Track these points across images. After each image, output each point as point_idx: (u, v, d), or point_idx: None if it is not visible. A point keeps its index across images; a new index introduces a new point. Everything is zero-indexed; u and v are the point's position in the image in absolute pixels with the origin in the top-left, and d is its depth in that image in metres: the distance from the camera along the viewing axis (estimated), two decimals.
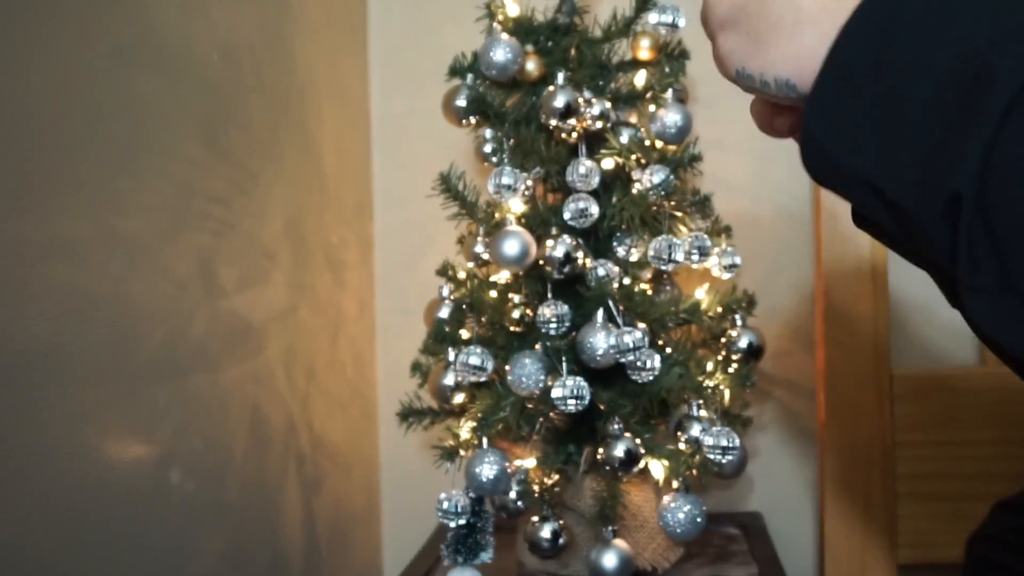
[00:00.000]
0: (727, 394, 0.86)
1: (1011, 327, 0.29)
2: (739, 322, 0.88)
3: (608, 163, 0.83)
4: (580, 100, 0.80)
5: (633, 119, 0.86)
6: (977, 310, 0.30)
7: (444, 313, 0.89)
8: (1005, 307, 0.29)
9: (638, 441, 0.79)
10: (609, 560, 0.79)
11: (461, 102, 0.86)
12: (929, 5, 0.31)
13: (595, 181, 0.81)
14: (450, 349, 0.86)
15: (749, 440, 1.09)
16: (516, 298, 0.84)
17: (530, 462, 0.82)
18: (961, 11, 0.30)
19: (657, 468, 0.81)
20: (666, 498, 0.80)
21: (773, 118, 0.42)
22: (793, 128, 0.43)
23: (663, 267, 0.81)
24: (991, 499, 0.76)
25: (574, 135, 0.82)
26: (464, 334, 0.87)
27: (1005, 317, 0.29)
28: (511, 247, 0.78)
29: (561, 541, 0.81)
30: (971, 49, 0.29)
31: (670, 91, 0.82)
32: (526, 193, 0.82)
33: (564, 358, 0.78)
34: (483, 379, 0.81)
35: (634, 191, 0.81)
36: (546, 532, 0.81)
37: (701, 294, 0.88)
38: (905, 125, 0.30)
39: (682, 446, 0.81)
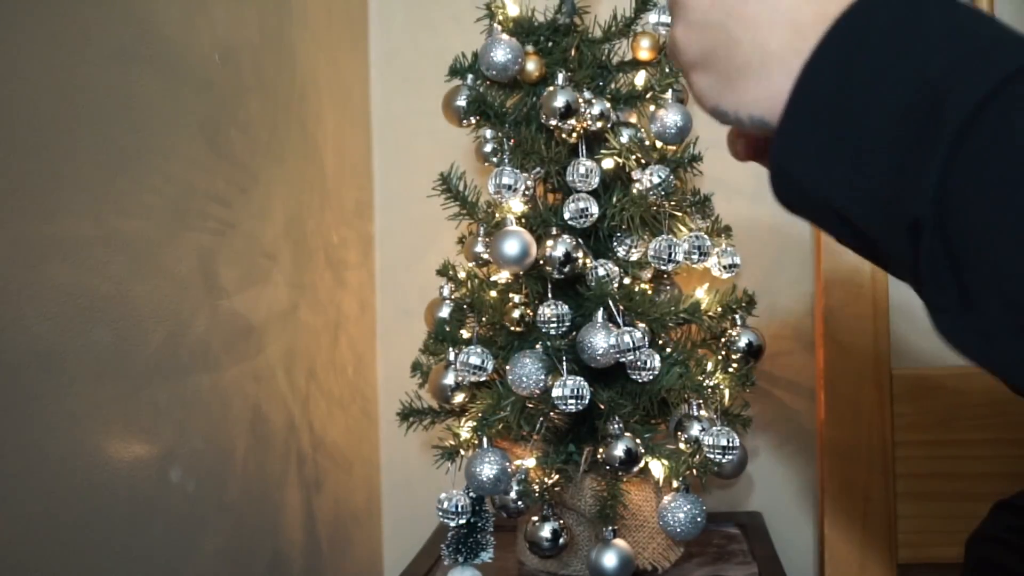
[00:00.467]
0: (727, 394, 0.86)
1: (974, 343, 0.31)
2: (739, 322, 0.88)
3: (608, 163, 0.84)
4: (580, 100, 0.80)
5: (633, 119, 0.86)
6: (943, 328, 0.32)
7: (444, 313, 0.90)
8: (966, 324, 0.30)
9: (638, 441, 0.79)
10: (609, 560, 0.79)
11: (461, 102, 0.86)
12: (885, 40, 0.32)
13: (595, 181, 0.81)
14: (450, 349, 0.86)
15: (749, 440, 1.09)
16: (516, 298, 0.84)
17: (530, 462, 0.82)
18: (915, 44, 0.31)
19: (657, 468, 0.81)
20: (666, 498, 0.80)
21: (734, 140, 0.45)
22: (748, 152, 0.45)
23: (663, 267, 0.81)
24: (990, 499, 0.76)
25: (574, 135, 0.82)
26: (464, 334, 0.88)
27: (968, 334, 0.31)
28: (511, 247, 0.78)
29: (561, 541, 0.82)
30: (923, 80, 0.30)
31: (670, 91, 0.82)
32: (526, 193, 0.82)
33: (564, 358, 0.78)
34: (483, 379, 0.81)
35: (634, 191, 0.81)
36: (546, 532, 0.81)
37: (701, 294, 0.88)
38: (867, 155, 0.31)
39: (682, 446, 0.82)
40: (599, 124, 0.82)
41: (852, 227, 0.33)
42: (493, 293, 0.86)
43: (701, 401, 0.83)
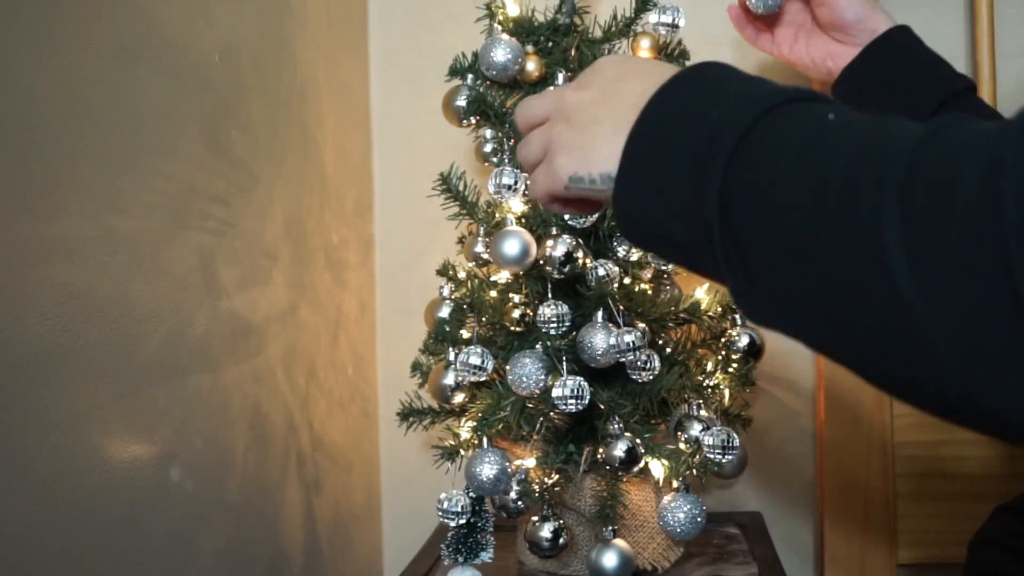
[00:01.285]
0: (727, 394, 0.86)
1: (761, 315, 0.39)
2: (739, 322, 0.88)
3: None
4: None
5: None
6: (741, 307, 0.40)
7: (444, 313, 0.90)
8: (755, 301, 0.39)
9: (638, 441, 0.79)
10: (609, 560, 0.79)
11: (461, 102, 0.86)
12: (685, 102, 0.43)
13: None
14: (450, 349, 0.86)
15: (749, 440, 1.09)
16: (516, 298, 0.84)
17: (530, 462, 0.82)
18: (704, 102, 0.42)
19: (657, 468, 0.81)
20: (666, 498, 0.80)
21: (551, 203, 0.54)
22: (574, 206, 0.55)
23: (663, 267, 0.81)
24: (990, 499, 0.76)
25: None
26: (464, 334, 0.88)
27: (756, 309, 0.39)
28: (511, 247, 0.78)
29: (561, 541, 0.82)
30: (708, 124, 0.40)
31: None
32: (526, 193, 0.82)
33: (564, 358, 0.78)
34: (483, 379, 0.81)
35: None
36: (546, 532, 0.81)
37: (701, 294, 0.88)
38: (675, 187, 0.41)
39: (682, 446, 0.82)
40: None
41: (674, 245, 0.42)
42: (493, 293, 0.86)
43: (701, 401, 0.83)
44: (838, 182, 0.34)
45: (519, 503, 0.81)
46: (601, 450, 0.80)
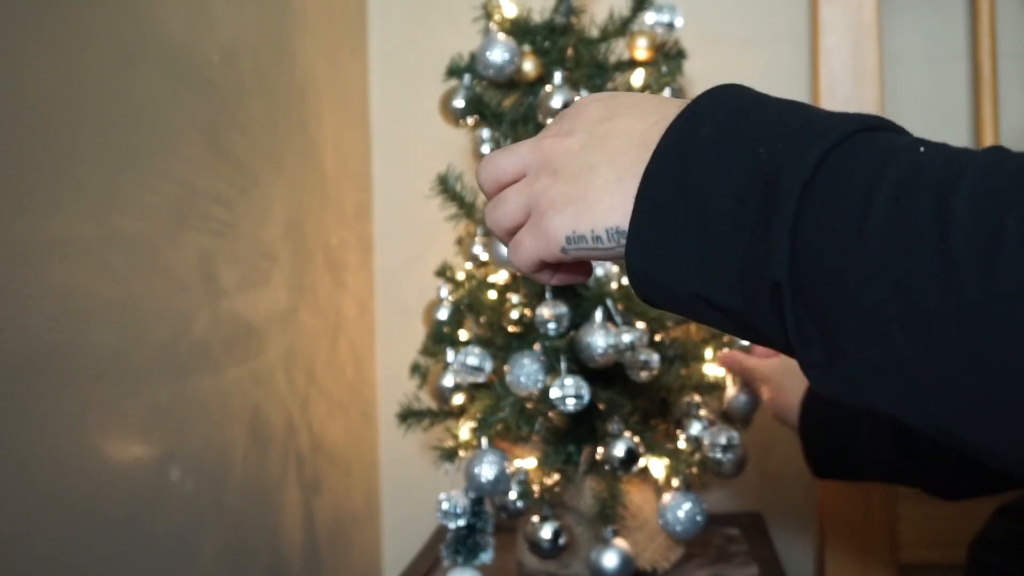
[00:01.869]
0: (726, 392, 0.86)
1: (848, 388, 0.32)
2: None
3: None
4: (576, 99, 0.80)
5: None
6: (818, 382, 0.34)
7: (443, 314, 0.90)
8: (837, 372, 0.32)
9: (638, 440, 0.79)
10: (609, 560, 0.79)
11: (459, 102, 0.86)
12: (716, 134, 0.35)
13: None
14: (449, 350, 0.86)
15: (749, 440, 1.08)
16: (515, 298, 0.84)
17: (530, 462, 0.82)
18: (742, 133, 0.35)
19: (657, 467, 0.81)
20: (666, 497, 0.80)
21: (540, 271, 0.45)
22: (560, 276, 0.47)
23: None
24: (991, 500, 0.75)
25: None
26: (463, 335, 0.88)
27: (840, 381, 0.32)
28: None
29: (561, 541, 0.81)
30: (755, 162, 0.34)
31: (667, 91, 0.82)
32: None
33: (563, 358, 0.78)
34: (482, 380, 0.81)
35: None
36: (546, 532, 0.81)
37: None
38: (716, 238, 0.34)
39: (682, 445, 0.81)
40: None
41: (714, 307, 0.36)
42: (491, 294, 0.86)
43: (701, 400, 0.83)
44: (967, 229, 0.28)
45: (519, 504, 0.81)
46: (601, 450, 0.80)
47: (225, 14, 0.81)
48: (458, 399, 0.86)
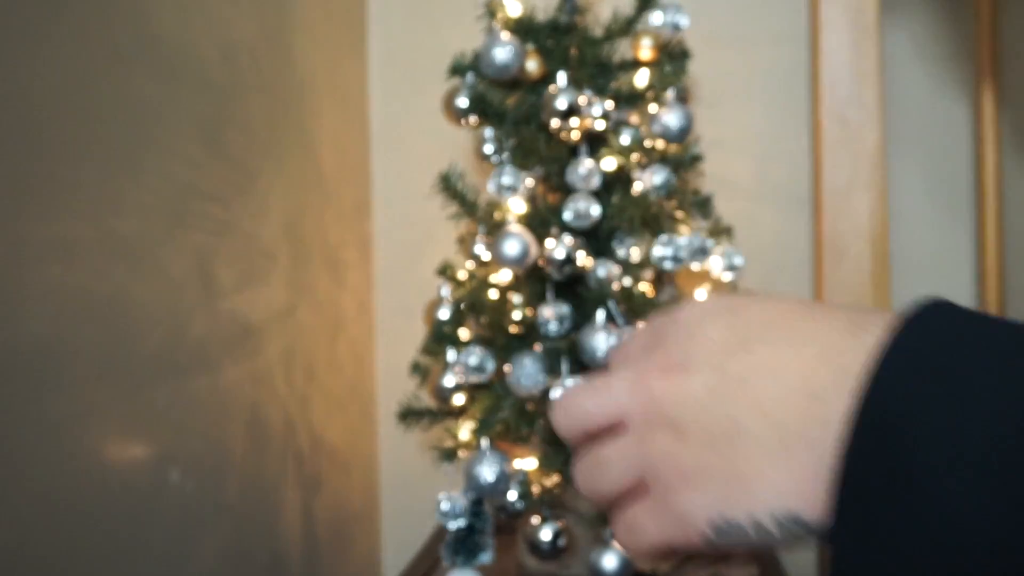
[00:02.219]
0: None
1: None
2: None
3: (609, 163, 0.83)
4: (581, 100, 0.80)
5: (634, 119, 0.86)
6: None
7: (444, 313, 0.89)
8: None
9: None
10: (609, 561, 0.79)
11: (461, 101, 0.85)
12: (955, 381, 0.26)
13: (596, 181, 0.80)
14: (450, 349, 0.85)
15: None
16: (516, 298, 0.84)
17: (530, 463, 0.82)
18: (998, 377, 0.26)
19: None
20: None
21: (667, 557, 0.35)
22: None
23: (664, 268, 0.81)
24: None
25: (575, 135, 0.82)
26: (464, 334, 0.87)
27: None
28: (511, 247, 0.78)
29: (561, 542, 0.81)
30: (1011, 430, 0.25)
31: (671, 91, 0.82)
32: (526, 193, 0.82)
33: (564, 359, 0.77)
34: (483, 380, 0.81)
35: (635, 191, 0.81)
36: (546, 533, 0.81)
37: (701, 294, 0.88)
38: (959, 527, 0.25)
39: None
40: (600, 124, 0.81)
41: None
42: (493, 294, 0.86)
43: None
44: None
45: (518, 504, 0.81)
46: None
47: (225, 13, 0.80)
48: (458, 399, 0.86)
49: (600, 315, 0.77)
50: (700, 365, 0.31)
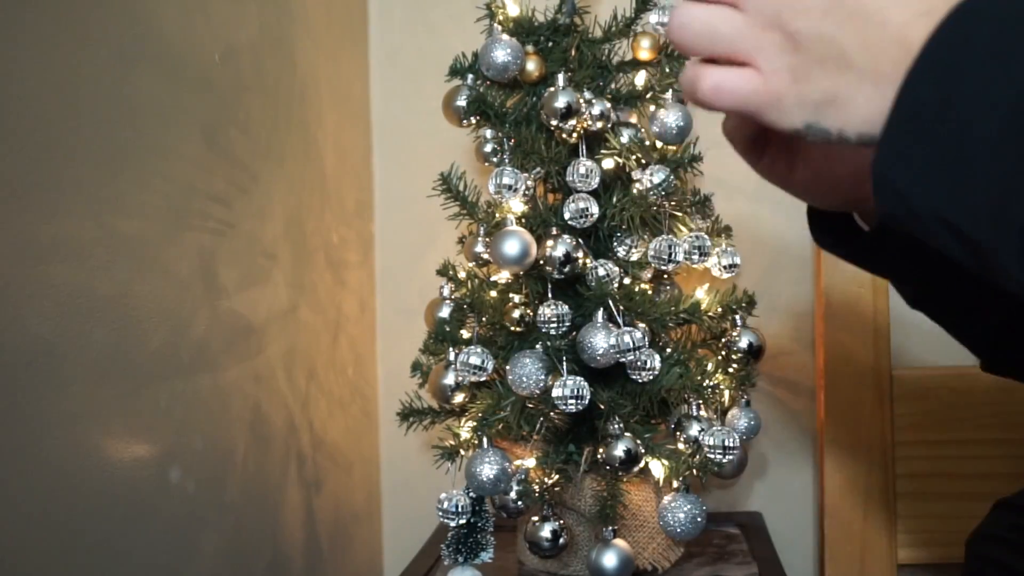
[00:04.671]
0: (727, 394, 0.86)
1: None
2: (739, 322, 0.88)
3: (608, 163, 0.84)
4: (580, 100, 0.80)
5: (633, 119, 0.86)
6: None
7: (444, 313, 0.90)
8: None
9: (638, 441, 0.79)
10: (609, 560, 0.79)
11: (461, 102, 0.86)
12: (992, 45, 0.31)
13: (595, 181, 0.81)
14: (450, 349, 0.86)
15: (749, 440, 1.09)
16: (516, 298, 0.84)
17: (530, 462, 0.82)
18: (1017, 52, 0.31)
19: (657, 468, 0.81)
20: (666, 498, 0.80)
21: (734, 128, 0.44)
22: (746, 144, 0.46)
23: (663, 267, 0.81)
24: (990, 499, 0.75)
25: (574, 135, 0.82)
26: (464, 334, 0.88)
27: None
28: (511, 247, 0.78)
29: (561, 541, 0.82)
30: None
31: (670, 91, 0.82)
32: (526, 193, 0.82)
33: (564, 358, 0.78)
34: (483, 379, 0.81)
35: (634, 191, 0.82)
36: (546, 532, 0.81)
37: (701, 294, 0.88)
38: (975, 164, 0.31)
39: (682, 446, 0.82)
40: (599, 124, 0.82)
41: (961, 237, 0.33)
42: (493, 293, 0.86)
43: (701, 401, 0.83)
44: None
45: (519, 503, 0.81)
46: (601, 450, 0.80)
47: (225, 13, 0.81)
48: (459, 398, 0.86)
49: (600, 314, 0.77)
50: None
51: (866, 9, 0.34)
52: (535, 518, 0.82)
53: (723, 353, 0.88)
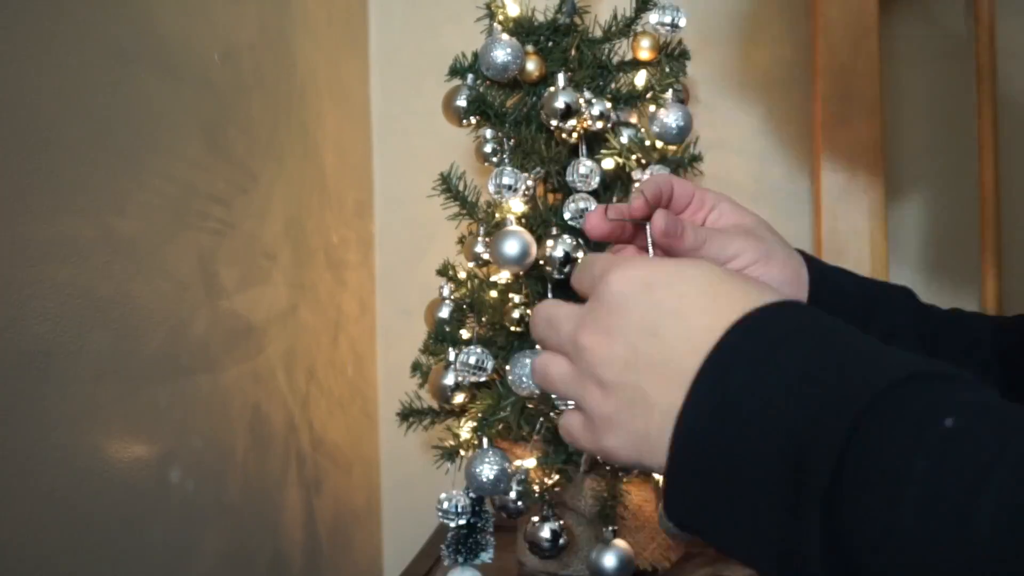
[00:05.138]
0: None
1: None
2: None
3: (608, 163, 0.83)
4: (580, 100, 0.80)
5: (633, 119, 0.86)
6: None
7: (444, 313, 0.89)
8: None
9: None
10: (609, 560, 0.79)
11: (461, 102, 0.86)
12: (745, 385, 0.34)
13: (595, 181, 0.81)
14: (450, 349, 0.86)
15: None
16: (516, 298, 0.84)
17: (530, 462, 0.82)
18: (772, 394, 0.33)
19: None
20: None
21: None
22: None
23: None
24: None
25: (574, 135, 0.82)
26: (464, 334, 0.87)
27: None
28: (511, 247, 0.78)
29: (561, 541, 0.81)
30: (785, 432, 0.32)
31: (670, 91, 0.82)
32: (526, 193, 0.82)
33: None
34: (483, 379, 0.81)
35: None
36: (546, 532, 0.81)
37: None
38: (752, 508, 0.33)
39: None
40: (599, 124, 0.82)
41: (755, 566, 0.34)
42: (493, 293, 0.86)
43: None
44: (995, 553, 0.26)
45: (519, 503, 0.81)
46: None
47: (225, 13, 0.81)
48: (459, 398, 0.86)
49: None
50: (620, 337, 0.39)
51: (659, 352, 0.37)
52: (535, 518, 0.82)
53: None
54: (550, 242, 0.79)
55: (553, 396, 0.47)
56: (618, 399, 0.38)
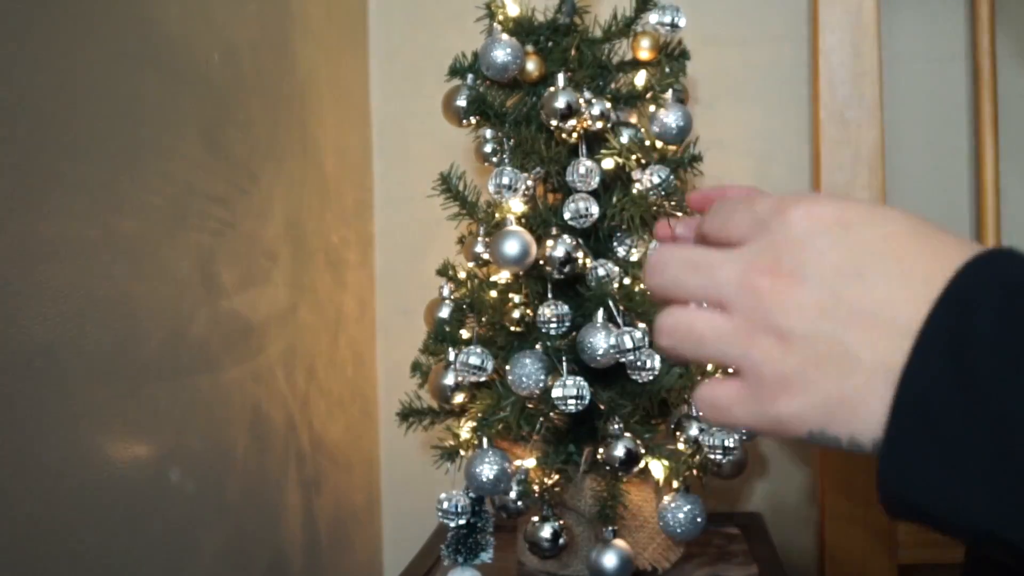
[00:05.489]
0: None
1: None
2: None
3: (608, 163, 0.83)
4: (580, 100, 0.80)
5: (633, 119, 0.86)
6: None
7: (444, 313, 0.89)
8: None
9: (638, 441, 0.79)
10: (609, 560, 0.79)
11: (461, 102, 0.86)
12: (998, 322, 0.28)
13: (595, 181, 0.81)
14: (450, 349, 0.86)
15: (749, 440, 1.09)
16: (516, 298, 0.84)
17: (530, 462, 0.82)
18: None
19: (657, 468, 0.81)
20: (666, 498, 0.80)
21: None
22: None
23: None
24: None
25: (574, 135, 0.82)
26: (464, 334, 0.87)
27: None
28: (511, 247, 0.78)
29: (561, 541, 0.81)
30: None
31: (670, 91, 0.82)
32: (526, 193, 0.82)
33: (564, 358, 0.78)
34: (483, 379, 0.81)
35: (634, 191, 0.81)
36: (546, 532, 0.81)
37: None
38: (1016, 454, 0.27)
39: (682, 446, 0.81)
40: (599, 124, 0.82)
41: (1013, 550, 0.28)
42: (493, 293, 0.86)
43: None
44: None
45: (519, 503, 0.81)
46: (601, 450, 0.80)
47: (225, 13, 0.81)
48: (459, 398, 0.86)
49: (600, 315, 0.77)
50: (813, 279, 0.32)
51: (869, 301, 0.31)
52: (535, 518, 0.82)
53: None
54: (550, 242, 0.79)
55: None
56: (804, 354, 0.32)
